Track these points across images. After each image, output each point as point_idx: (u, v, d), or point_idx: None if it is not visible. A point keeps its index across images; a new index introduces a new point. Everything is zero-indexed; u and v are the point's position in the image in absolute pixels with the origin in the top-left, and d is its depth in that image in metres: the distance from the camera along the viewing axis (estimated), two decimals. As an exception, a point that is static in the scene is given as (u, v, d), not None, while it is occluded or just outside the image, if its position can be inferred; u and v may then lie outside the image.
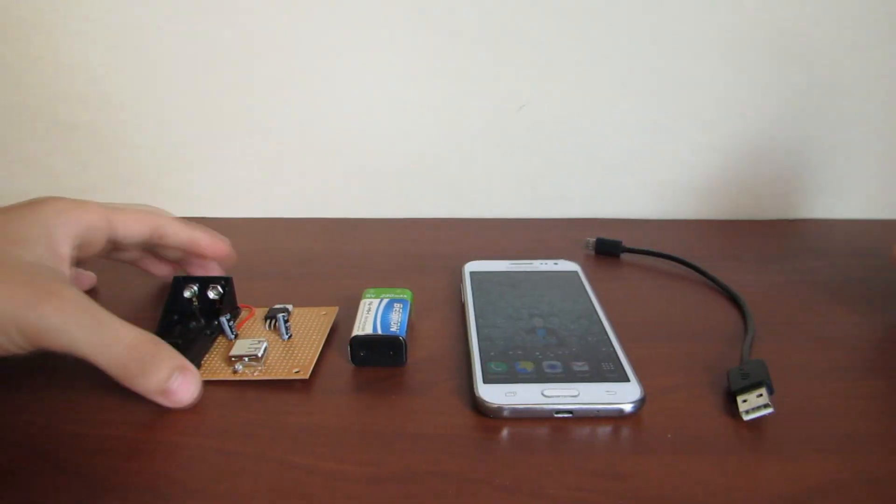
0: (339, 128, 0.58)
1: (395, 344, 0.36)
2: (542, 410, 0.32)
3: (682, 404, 0.34)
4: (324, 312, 0.42)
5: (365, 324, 0.37)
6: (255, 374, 0.36)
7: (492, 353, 0.36)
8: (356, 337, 0.36)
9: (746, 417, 0.32)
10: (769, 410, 0.32)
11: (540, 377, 0.34)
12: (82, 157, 0.59)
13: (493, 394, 0.33)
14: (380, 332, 0.36)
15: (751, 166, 0.60)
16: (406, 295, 0.40)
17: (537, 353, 0.36)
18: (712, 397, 0.34)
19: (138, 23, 0.55)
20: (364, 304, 0.39)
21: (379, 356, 0.36)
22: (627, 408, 0.32)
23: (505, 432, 0.32)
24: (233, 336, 0.39)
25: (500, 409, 0.32)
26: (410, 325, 0.40)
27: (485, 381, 0.34)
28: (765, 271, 0.49)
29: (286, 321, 0.39)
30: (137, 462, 0.30)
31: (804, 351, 0.38)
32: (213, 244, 0.42)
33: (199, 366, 0.36)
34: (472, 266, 0.47)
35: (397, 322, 0.37)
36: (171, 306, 0.40)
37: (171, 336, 0.37)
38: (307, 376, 0.36)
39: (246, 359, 0.36)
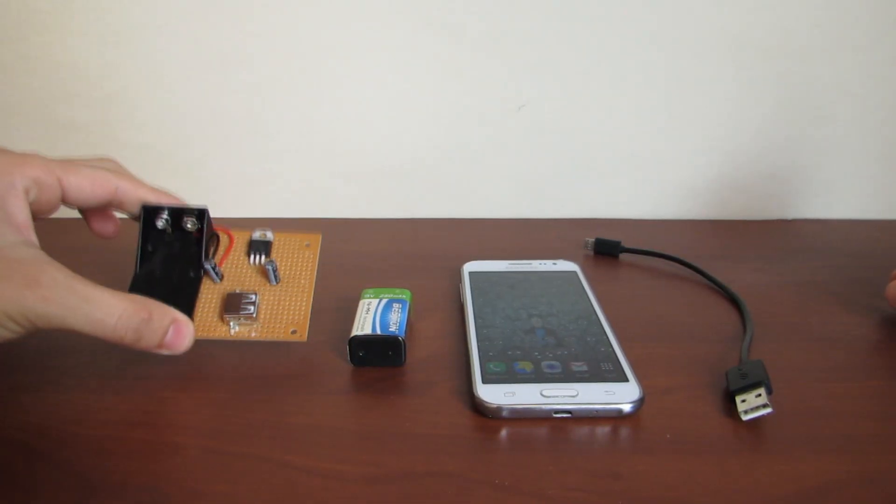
0: (338, 127, 0.58)
1: (394, 344, 0.36)
2: (541, 410, 0.32)
3: (681, 405, 0.34)
4: (307, 243, 0.41)
5: (364, 324, 0.37)
6: (252, 334, 0.36)
7: (491, 354, 0.36)
8: (355, 337, 0.36)
9: (745, 417, 0.32)
10: (768, 410, 0.32)
11: (539, 377, 0.34)
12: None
13: (493, 394, 0.33)
14: (379, 332, 0.36)
15: (749, 166, 0.60)
16: (405, 295, 0.40)
17: (536, 354, 0.36)
18: (711, 398, 0.34)
19: (138, 22, 0.55)
20: (363, 304, 0.39)
21: (378, 356, 0.36)
22: (626, 408, 0.32)
23: (504, 432, 0.32)
24: (219, 280, 0.38)
25: (499, 409, 0.32)
26: (409, 326, 0.40)
27: (484, 382, 0.34)
28: (763, 271, 0.49)
29: (275, 270, 0.38)
30: (136, 462, 0.30)
31: (803, 351, 0.38)
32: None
33: (191, 318, 0.36)
34: (470, 266, 0.47)
35: (396, 322, 0.37)
36: (146, 240, 0.38)
37: (153, 271, 0.37)
38: (304, 337, 0.36)
39: (242, 318, 0.36)
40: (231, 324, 0.36)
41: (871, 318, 0.42)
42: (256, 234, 0.40)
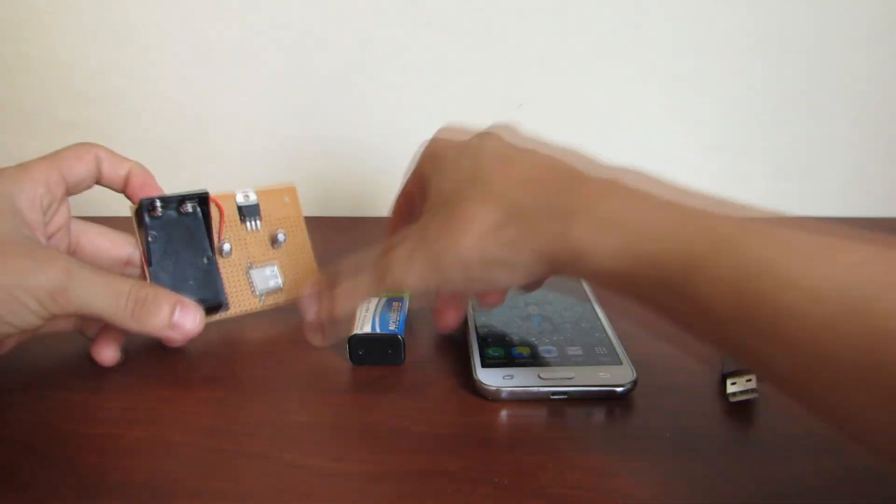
0: (338, 126, 0.58)
1: (394, 342, 0.36)
2: (539, 392, 0.33)
3: (680, 403, 0.34)
4: (285, 197, 0.43)
5: (363, 322, 0.37)
6: (279, 300, 0.41)
7: (489, 339, 0.37)
8: (355, 336, 0.36)
9: (733, 399, 0.33)
10: (754, 395, 0.33)
11: (536, 361, 0.35)
12: (82, 157, 0.59)
13: (492, 377, 0.34)
14: (378, 330, 0.36)
15: (748, 165, 0.60)
16: (405, 293, 0.40)
17: (533, 339, 0.37)
18: (711, 397, 0.34)
19: (137, 20, 0.55)
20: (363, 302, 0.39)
21: (377, 355, 0.36)
22: (620, 389, 0.33)
23: (503, 427, 0.32)
24: (229, 254, 0.40)
25: (498, 391, 0.33)
26: (409, 324, 0.40)
27: (483, 366, 0.35)
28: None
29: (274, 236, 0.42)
30: (136, 460, 0.30)
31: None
32: (147, 182, 0.38)
33: (226, 302, 0.39)
34: None
35: (396, 321, 0.37)
36: (148, 235, 0.37)
37: (165, 265, 0.37)
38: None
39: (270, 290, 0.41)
40: (260, 297, 0.40)
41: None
42: (240, 198, 0.41)
